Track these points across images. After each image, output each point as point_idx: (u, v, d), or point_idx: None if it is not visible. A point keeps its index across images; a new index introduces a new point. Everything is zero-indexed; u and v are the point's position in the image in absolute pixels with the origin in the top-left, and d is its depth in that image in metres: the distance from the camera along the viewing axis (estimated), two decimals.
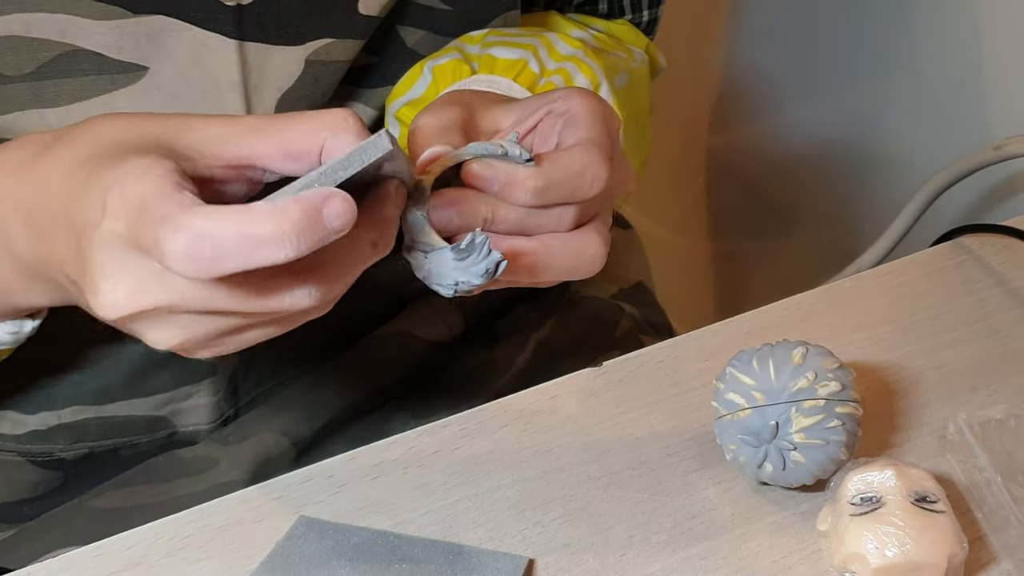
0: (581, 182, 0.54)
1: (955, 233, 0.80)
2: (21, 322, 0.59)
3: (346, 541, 0.58)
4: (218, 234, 0.44)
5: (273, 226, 0.44)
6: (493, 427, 0.65)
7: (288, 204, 0.44)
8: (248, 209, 0.44)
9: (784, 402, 0.58)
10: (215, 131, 0.50)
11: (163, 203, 0.45)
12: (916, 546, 0.54)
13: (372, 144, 0.48)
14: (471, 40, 0.71)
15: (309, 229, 0.45)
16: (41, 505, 0.73)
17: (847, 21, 1.20)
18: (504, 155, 0.54)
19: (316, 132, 0.50)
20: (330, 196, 0.45)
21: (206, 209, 0.45)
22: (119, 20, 0.62)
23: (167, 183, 0.46)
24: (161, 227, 0.44)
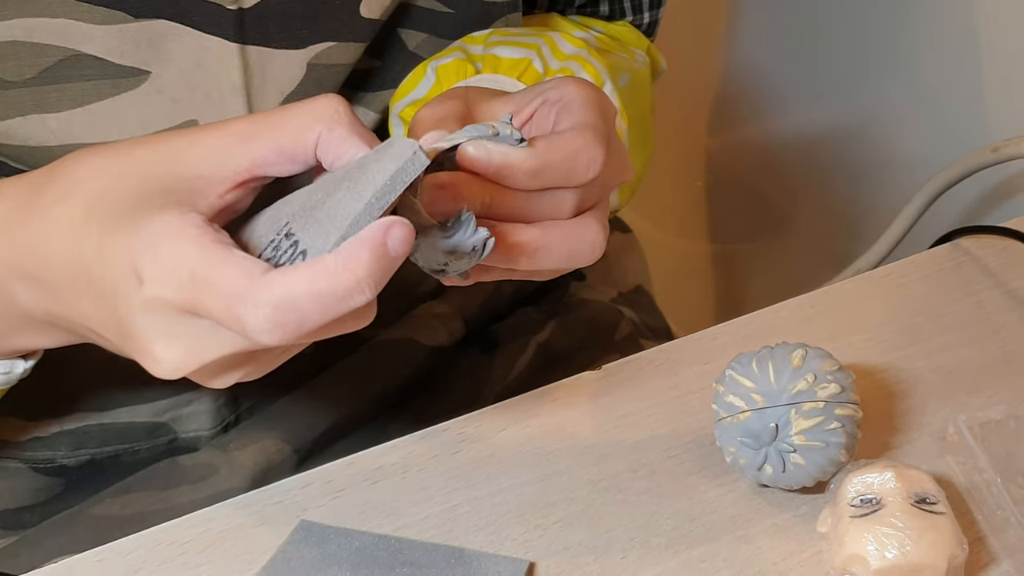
0: (577, 164, 0.53)
1: (954, 235, 0.80)
2: (13, 362, 0.59)
3: (347, 545, 0.58)
4: (298, 300, 0.45)
5: (349, 278, 0.45)
6: (493, 431, 0.66)
7: (356, 251, 0.45)
8: (320, 266, 0.45)
9: (784, 404, 0.58)
10: (208, 148, 0.50)
11: (219, 271, 0.46)
12: (916, 547, 0.54)
13: (410, 164, 0.47)
14: (474, 40, 0.71)
15: (381, 269, 0.45)
16: (42, 512, 0.73)
17: (846, 23, 1.20)
18: (496, 135, 0.53)
19: (308, 129, 0.49)
20: (391, 227, 0.45)
21: (278, 276, 0.45)
22: (121, 24, 0.62)
23: (207, 243, 0.46)
24: (237, 304, 0.45)
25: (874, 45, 1.18)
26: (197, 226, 0.47)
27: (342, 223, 0.46)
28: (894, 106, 1.17)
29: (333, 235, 0.46)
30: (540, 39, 0.71)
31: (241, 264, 0.46)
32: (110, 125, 0.63)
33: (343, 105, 0.50)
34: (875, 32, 1.17)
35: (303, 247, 0.48)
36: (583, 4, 0.81)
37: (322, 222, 0.48)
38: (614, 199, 0.72)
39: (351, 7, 0.66)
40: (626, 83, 0.74)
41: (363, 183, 0.47)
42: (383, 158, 0.48)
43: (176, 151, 0.50)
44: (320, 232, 0.47)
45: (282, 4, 0.64)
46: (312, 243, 0.47)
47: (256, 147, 0.50)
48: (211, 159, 0.49)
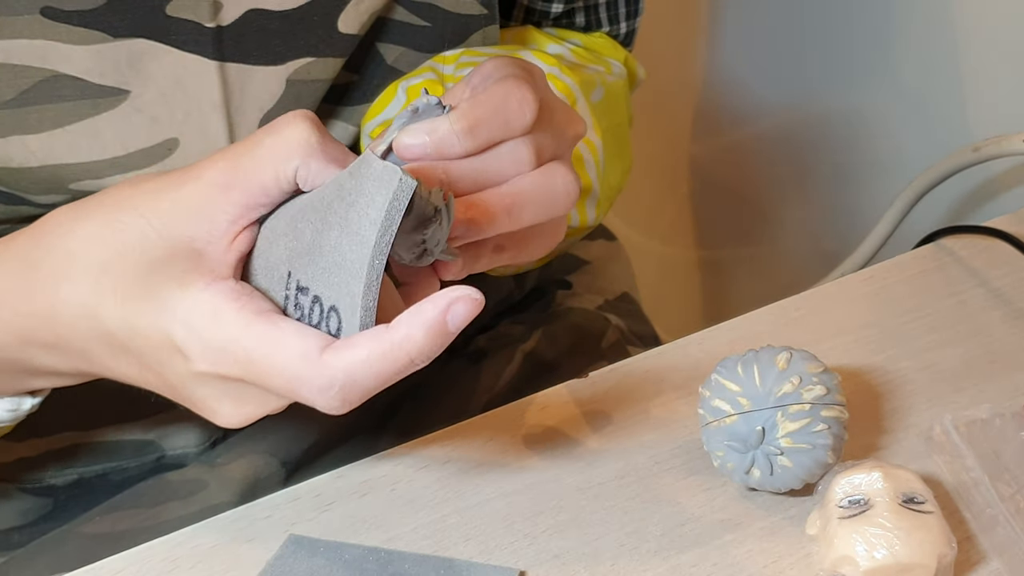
0: (508, 109, 0.53)
1: (937, 235, 0.80)
2: (20, 399, 0.59)
3: (337, 558, 0.58)
4: (359, 380, 0.47)
5: (406, 358, 0.47)
6: (481, 440, 0.66)
7: (413, 332, 0.46)
8: (376, 347, 0.46)
9: (770, 407, 0.58)
10: (192, 208, 0.50)
11: (276, 354, 0.48)
12: (905, 547, 0.55)
13: (400, 192, 0.46)
14: (445, 60, 0.71)
15: (437, 346, 0.47)
16: (31, 532, 0.72)
17: (825, 27, 1.21)
18: (416, 111, 0.53)
19: (285, 166, 0.50)
20: (453, 304, 0.47)
21: (336, 358, 0.47)
22: (99, 45, 0.62)
23: (251, 318, 0.48)
24: (302, 387, 0.47)
25: (854, 47, 1.18)
26: (233, 299, 0.49)
27: (358, 271, 0.47)
28: (875, 108, 1.18)
29: (355, 286, 0.47)
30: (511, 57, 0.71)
31: (295, 345, 0.47)
32: (91, 145, 0.63)
33: (314, 131, 0.50)
34: (855, 34, 1.17)
35: (329, 303, 0.48)
36: (559, 16, 0.81)
37: (333, 272, 0.48)
38: (591, 212, 0.72)
39: (329, 22, 0.66)
40: (600, 97, 0.74)
41: (355, 220, 0.47)
42: (366, 186, 0.47)
43: (162, 213, 0.50)
44: (338, 284, 0.48)
45: (260, 21, 0.64)
46: (338, 298, 0.48)
47: (239, 196, 0.50)
48: (199, 219, 0.50)
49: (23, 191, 0.65)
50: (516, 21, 0.81)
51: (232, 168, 0.50)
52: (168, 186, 0.51)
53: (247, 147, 0.50)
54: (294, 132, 0.50)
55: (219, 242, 0.50)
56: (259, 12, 0.64)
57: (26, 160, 0.63)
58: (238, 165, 0.50)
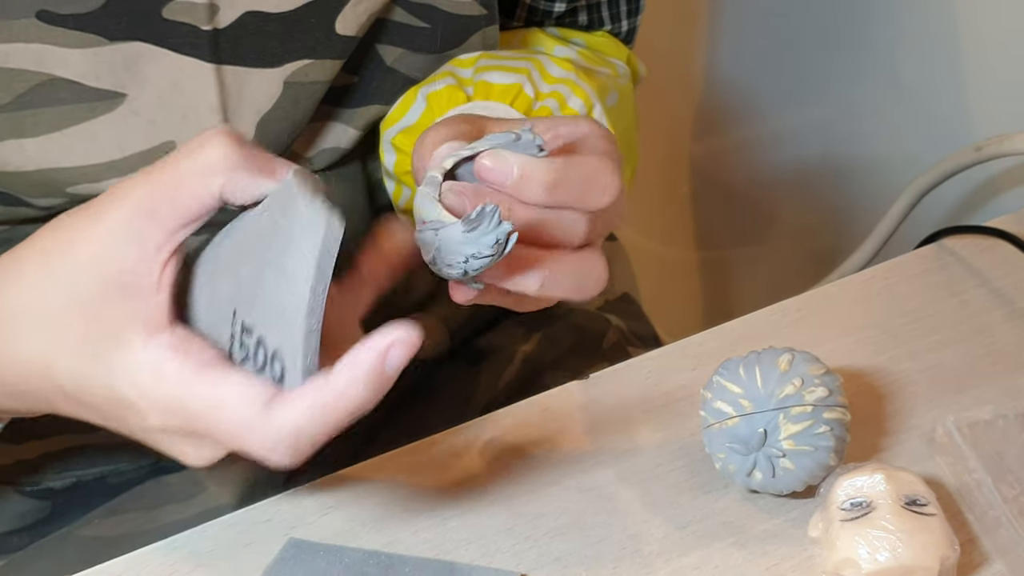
0: (593, 186, 0.53)
1: (938, 235, 0.80)
2: None
3: (337, 562, 0.58)
4: (305, 431, 0.47)
5: (348, 405, 0.47)
6: (481, 442, 0.65)
7: (352, 381, 0.47)
8: (318, 397, 0.47)
9: (772, 409, 0.58)
10: (118, 237, 0.50)
11: (219, 407, 0.48)
12: (908, 550, 0.54)
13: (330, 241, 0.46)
14: (462, 64, 0.71)
15: (377, 391, 0.47)
16: (30, 535, 0.72)
17: (827, 26, 1.21)
18: (517, 139, 0.53)
19: (207, 186, 0.50)
20: (390, 348, 0.47)
21: (280, 411, 0.47)
22: (95, 48, 0.61)
23: (189, 374, 0.49)
24: (247, 437, 0.48)
25: (856, 47, 1.18)
26: (171, 357, 0.49)
27: (296, 319, 0.47)
28: (877, 108, 1.18)
29: (296, 336, 0.47)
30: (529, 63, 0.70)
31: (239, 405, 0.48)
32: (88, 149, 0.63)
33: (233, 145, 0.50)
34: (857, 34, 1.17)
35: (272, 347, 0.49)
36: (562, 15, 0.81)
37: (273, 317, 0.48)
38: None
39: (326, 24, 0.66)
40: (614, 102, 0.74)
41: (291, 267, 0.47)
42: (295, 232, 0.47)
43: (87, 251, 0.50)
44: (280, 330, 0.48)
45: (257, 23, 0.64)
46: (280, 344, 0.48)
47: (163, 219, 0.50)
48: (125, 247, 0.50)
49: (21, 194, 0.65)
50: (518, 21, 0.81)
51: (153, 192, 0.50)
52: (89, 219, 0.51)
53: (167, 169, 0.50)
54: (213, 150, 0.50)
55: (148, 274, 0.50)
56: (256, 14, 0.64)
57: (23, 164, 0.63)
58: (159, 188, 0.50)
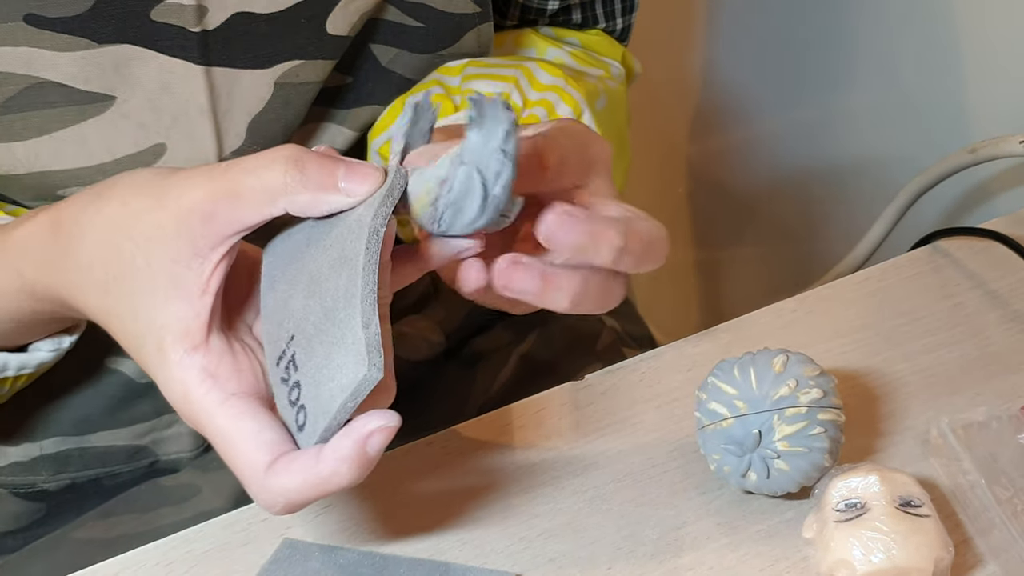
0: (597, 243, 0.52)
1: (933, 237, 0.80)
2: (60, 338, 0.61)
3: (332, 562, 0.58)
4: (296, 499, 0.50)
5: (336, 482, 0.49)
6: (476, 444, 0.65)
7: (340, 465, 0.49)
8: (313, 474, 0.49)
9: (766, 410, 0.58)
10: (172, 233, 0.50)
11: (230, 451, 0.50)
12: (902, 551, 0.54)
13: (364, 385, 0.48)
14: (450, 72, 0.71)
15: (362, 471, 0.49)
16: (24, 537, 0.72)
17: (822, 27, 1.21)
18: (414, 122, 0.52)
19: (266, 208, 0.50)
20: (371, 434, 0.49)
21: (278, 479, 0.49)
22: (84, 51, 0.61)
23: (212, 407, 0.51)
24: (247, 485, 0.50)
25: (851, 48, 1.18)
26: (199, 383, 0.50)
27: (327, 414, 0.49)
28: (872, 110, 1.18)
29: (321, 418, 0.50)
30: (518, 71, 0.70)
31: (246, 456, 0.50)
32: (78, 151, 0.63)
33: (291, 171, 0.49)
34: (852, 35, 1.17)
35: (303, 401, 0.51)
36: (555, 13, 0.81)
37: (314, 381, 0.50)
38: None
39: (317, 24, 0.66)
40: (603, 105, 0.74)
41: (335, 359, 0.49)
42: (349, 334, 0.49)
43: (145, 237, 0.51)
44: (314, 396, 0.50)
45: (246, 24, 0.64)
46: (310, 406, 0.50)
47: (219, 226, 0.50)
48: (178, 241, 0.50)
49: (12, 196, 0.65)
50: (512, 19, 0.81)
51: (214, 196, 0.50)
52: (151, 207, 0.51)
53: (230, 176, 0.50)
54: (274, 172, 0.49)
55: (198, 272, 0.50)
56: (245, 15, 0.64)
57: (12, 167, 0.63)
58: (220, 194, 0.50)
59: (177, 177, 0.51)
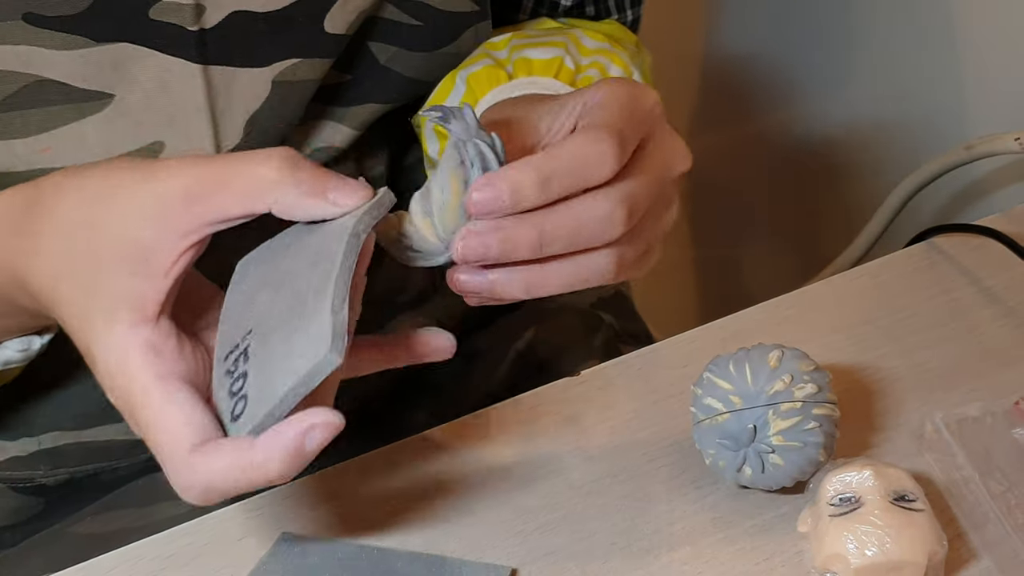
0: (588, 160, 0.52)
1: (929, 234, 0.80)
2: (30, 339, 0.60)
3: (329, 556, 0.58)
4: (217, 487, 0.49)
5: (262, 475, 0.48)
6: (474, 439, 0.66)
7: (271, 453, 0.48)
8: (237, 460, 0.48)
9: (761, 405, 0.58)
10: (150, 211, 0.50)
11: (155, 428, 0.50)
12: (896, 545, 0.55)
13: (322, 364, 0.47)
14: (495, 47, 0.71)
15: (293, 467, 0.48)
16: (22, 532, 0.72)
17: (820, 25, 1.21)
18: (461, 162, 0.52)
19: (257, 198, 0.50)
20: (313, 428, 0.48)
21: (201, 462, 0.49)
22: (83, 49, 0.61)
23: (149, 382, 0.50)
24: (166, 466, 0.50)
25: (847, 46, 1.18)
26: (141, 354, 0.50)
27: (270, 400, 0.48)
28: (868, 107, 1.18)
29: (263, 406, 0.49)
30: (564, 36, 0.70)
31: (172, 434, 0.49)
32: (76, 149, 0.63)
33: (285, 170, 0.50)
34: (849, 33, 1.18)
35: (246, 391, 0.50)
36: (569, 8, 0.81)
37: (264, 371, 0.49)
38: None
39: (315, 23, 0.66)
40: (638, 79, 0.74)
41: (294, 344, 0.49)
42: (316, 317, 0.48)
43: (120, 212, 0.51)
44: (259, 389, 0.49)
45: (244, 23, 0.64)
46: (252, 398, 0.49)
47: (200, 213, 0.50)
48: (152, 222, 0.50)
49: None
50: (524, 13, 0.81)
51: (200, 181, 0.50)
52: (136, 183, 0.51)
53: (220, 166, 0.50)
54: (269, 166, 0.50)
55: (165, 254, 0.50)
56: (243, 14, 0.64)
57: (12, 165, 0.63)
58: (207, 180, 0.50)
59: (167, 160, 0.51)
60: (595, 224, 0.52)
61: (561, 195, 0.52)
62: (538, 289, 0.53)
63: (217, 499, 0.50)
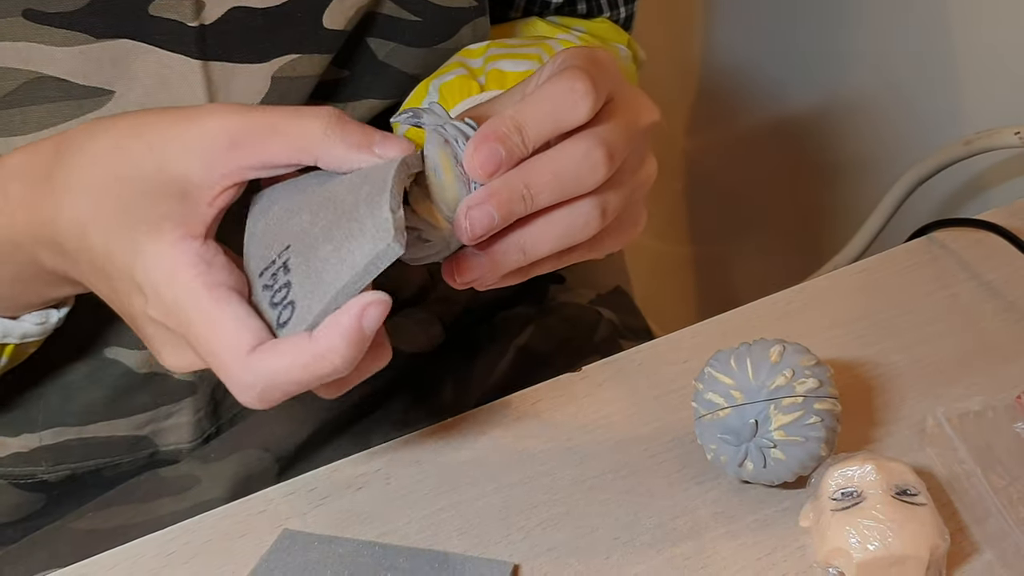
0: (560, 101, 0.52)
1: (929, 228, 0.80)
2: (47, 312, 0.61)
3: (331, 553, 0.58)
4: (279, 384, 0.48)
5: (327, 366, 0.48)
6: (475, 434, 0.66)
7: (333, 341, 0.48)
8: (299, 355, 0.48)
9: (763, 400, 0.58)
10: (195, 150, 0.50)
11: (212, 335, 0.49)
12: (898, 539, 0.55)
13: (384, 255, 0.48)
14: (471, 54, 0.71)
15: (356, 351, 0.48)
16: (24, 528, 0.72)
17: (818, 21, 1.21)
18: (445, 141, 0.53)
19: (299, 154, 0.51)
20: (366, 308, 0.48)
21: (260, 361, 0.48)
22: (83, 46, 0.61)
23: (200, 290, 0.49)
24: (224, 373, 0.49)
25: (846, 42, 1.18)
26: (191, 265, 0.49)
27: (324, 295, 0.48)
28: (867, 102, 1.18)
29: (315, 304, 0.49)
30: (539, 49, 0.70)
31: (229, 337, 0.49)
32: None
33: (333, 125, 0.50)
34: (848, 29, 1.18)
35: (293, 297, 0.50)
36: (561, 5, 0.81)
37: (311, 277, 0.49)
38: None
39: (313, 18, 0.66)
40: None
41: (346, 252, 0.49)
42: (367, 227, 0.48)
43: (163, 148, 0.51)
44: (307, 289, 0.49)
45: (244, 18, 0.64)
46: (300, 300, 0.49)
47: (243, 158, 0.50)
48: (196, 161, 0.50)
49: None
50: (517, 11, 0.81)
51: (247, 128, 0.50)
52: (175, 122, 0.51)
53: (269, 115, 0.51)
54: (316, 121, 0.51)
55: (206, 192, 0.51)
56: (242, 10, 0.64)
57: None
58: (254, 128, 0.50)
59: (208, 107, 0.52)
60: (576, 166, 0.52)
61: (542, 139, 0.52)
62: (533, 248, 0.53)
63: (279, 398, 0.49)
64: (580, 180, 0.52)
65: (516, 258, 0.53)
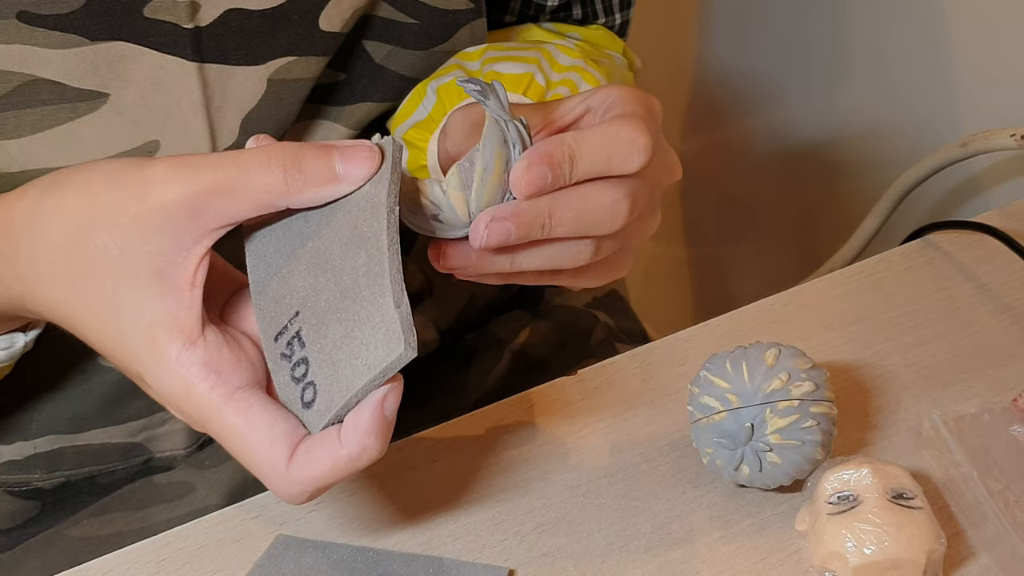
0: (619, 148, 0.52)
1: (924, 231, 0.80)
2: (12, 336, 0.59)
3: (325, 558, 0.58)
4: (322, 486, 0.50)
5: (364, 462, 0.49)
6: (470, 439, 0.65)
7: (366, 441, 0.49)
8: (337, 460, 0.49)
9: (759, 404, 0.58)
10: (156, 224, 0.49)
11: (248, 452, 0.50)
12: (894, 543, 0.55)
13: (396, 361, 0.49)
14: (469, 57, 0.71)
15: (385, 435, 0.50)
16: (18, 536, 0.72)
17: (814, 23, 1.21)
18: (504, 141, 0.53)
19: (265, 205, 0.50)
20: (385, 398, 0.49)
21: (302, 471, 0.49)
22: (77, 48, 0.61)
23: (222, 405, 0.49)
24: (269, 484, 0.50)
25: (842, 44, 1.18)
26: (203, 378, 0.49)
27: (344, 392, 0.49)
28: (863, 104, 1.18)
29: (337, 397, 0.49)
30: (537, 52, 0.70)
31: (265, 451, 0.50)
32: (71, 149, 0.63)
33: (292, 168, 0.49)
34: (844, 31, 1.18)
35: (314, 377, 0.50)
36: (556, 10, 0.81)
37: (329, 360, 0.50)
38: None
39: (310, 21, 0.66)
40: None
41: (358, 337, 0.49)
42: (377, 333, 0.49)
43: (122, 229, 0.50)
44: (327, 375, 0.50)
45: (239, 21, 0.64)
46: (322, 384, 0.50)
47: (206, 221, 0.50)
48: (161, 236, 0.50)
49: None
50: (511, 15, 0.81)
51: (205, 192, 0.49)
52: (128, 199, 0.50)
53: (224, 172, 0.49)
54: (273, 178, 0.49)
55: (182, 266, 0.50)
56: (238, 12, 0.64)
57: (7, 165, 0.63)
58: (212, 190, 0.49)
59: (155, 168, 0.50)
60: (600, 212, 0.53)
61: (588, 177, 0.53)
62: (522, 262, 0.54)
63: (319, 494, 0.51)
64: (598, 224, 0.53)
65: (503, 265, 0.54)
